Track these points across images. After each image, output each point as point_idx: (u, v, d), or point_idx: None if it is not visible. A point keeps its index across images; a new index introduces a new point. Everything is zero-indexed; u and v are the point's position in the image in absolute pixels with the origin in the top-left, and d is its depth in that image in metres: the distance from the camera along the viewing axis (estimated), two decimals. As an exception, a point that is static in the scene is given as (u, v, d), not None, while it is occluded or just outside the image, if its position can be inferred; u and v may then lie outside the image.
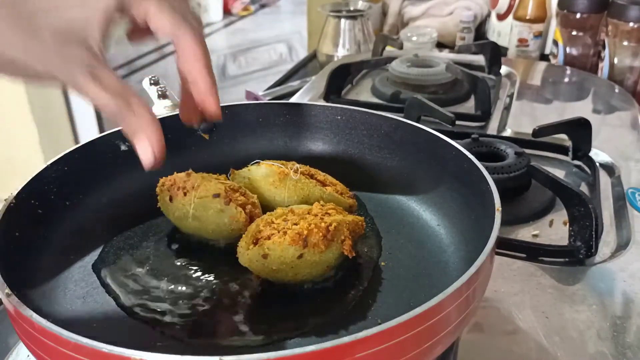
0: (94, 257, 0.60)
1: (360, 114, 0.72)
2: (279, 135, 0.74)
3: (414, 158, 0.68)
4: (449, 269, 0.57)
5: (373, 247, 0.61)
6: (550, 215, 0.79)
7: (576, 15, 1.34)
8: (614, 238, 0.74)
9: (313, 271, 0.53)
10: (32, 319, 0.39)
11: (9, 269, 0.46)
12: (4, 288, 0.43)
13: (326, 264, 0.53)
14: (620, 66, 1.28)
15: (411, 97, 0.95)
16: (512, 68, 1.34)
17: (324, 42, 1.57)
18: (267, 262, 0.51)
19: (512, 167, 0.79)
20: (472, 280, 0.43)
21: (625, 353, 0.56)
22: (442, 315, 0.41)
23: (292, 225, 0.53)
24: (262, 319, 0.52)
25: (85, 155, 0.64)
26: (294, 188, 0.62)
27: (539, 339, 0.58)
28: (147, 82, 0.82)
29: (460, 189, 0.61)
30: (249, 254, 0.52)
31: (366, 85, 1.28)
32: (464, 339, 0.58)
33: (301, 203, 0.61)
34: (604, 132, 1.02)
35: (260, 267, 0.52)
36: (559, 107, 1.19)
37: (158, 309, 0.53)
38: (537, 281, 0.66)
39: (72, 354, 0.37)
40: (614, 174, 0.89)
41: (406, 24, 1.78)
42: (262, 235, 0.53)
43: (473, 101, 1.12)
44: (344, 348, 0.37)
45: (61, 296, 0.54)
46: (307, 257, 0.51)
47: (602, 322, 0.60)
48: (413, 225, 0.65)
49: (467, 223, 0.59)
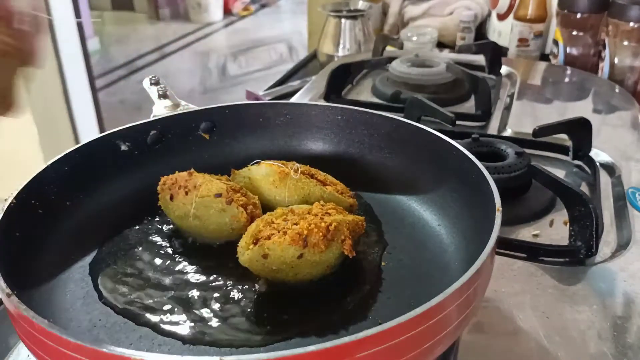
0: (96, 257, 0.60)
1: (361, 114, 0.72)
2: (279, 135, 0.74)
3: (415, 158, 0.68)
4: (449, 269, 0.57)
5: (374, 247, 0.61)
6: (550, 215, 0.79)
7: (576, 15, 1.34)
8: (614, 238, 0.74)
9: (313, 271, 0.53)
10: (33, 319, 0.39)
11: (9, 269, 0.46)
12: (4, 288, 0.43)
13: (326, 264, 0.53)
14: (621, 66, 1.28)
15: (411, 97, 0.95)
16: (512, 68, 1.34)
17: (325, 42, 1.57)
18: (267, 262, 0.51)
19: (512, 167, 0.79)
20: (473, 280, 0.43)
21: (626, 353, 0.56)
22: (443, 316, 0.41)
23: (292, 225, 0.53)
24: (262, 318, 0.52)
25: (85, 155, 0.64)
26: (294, 187, 0.62)
27: (539, 339, 0.58)
28: (147, 82, 0.82)
29: (461, 189, 0.61)
30: (249, 254, 0.52)
31: (366, 85, 1.28)
32: (464, 339, 0.58)
33: (301, 203, 0.61)
34: (604, 132, 1.02)
35: (260, 267, 0.52)
36: (559, 107, 1.19)
37: (158, 309, 0.53)
38: (537, 281, 0.66)
39: (73, 354, 0.37)
40: (615, 174, 0.89)
41: (406, 23, 1.78)
42: (262, 235, 0.53)
43: (473, 101, 1.11)
44: (344, 348, 0.37)
45: (61, 296, 0.54)
46: (307, 257, 0.51)
47: (603, 322, 0.60)
48: (414, 225, 0.65)
49: (468, 223, 0.59)
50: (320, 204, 0.58)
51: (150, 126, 0.69)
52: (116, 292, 0.55)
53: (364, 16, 1.56)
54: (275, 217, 0.56)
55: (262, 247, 0.52)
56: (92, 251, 0.60)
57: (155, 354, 0.36)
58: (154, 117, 0.72)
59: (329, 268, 0.54)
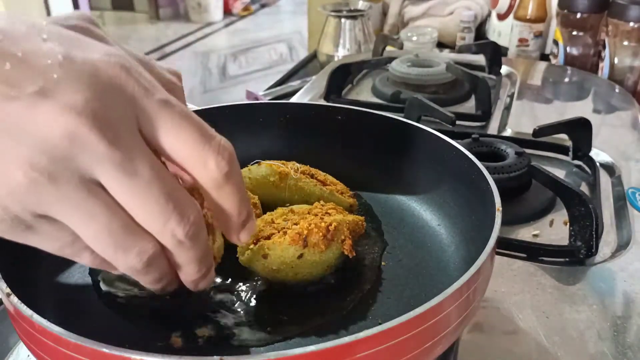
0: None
1: (361, 114, 0.72)
2: (279, 135, 0.74)
3: (414, 158, 0.68)
4: (449, 269, 0.57)
5: (373, 247, 0.61)
6: (550, 215, 0.79)
7: (576, 15, 1.34)
8: (614, 238, 0.74)
9: (313, 271, 0.53)
10: (33, 319, 0.39)
11: (9, 268, 0.46)
12: (4, 288, 0.43)
13: (326, 264, 0.53)
14: (621, 66, 1.28)
15: (411, 97, 0.95)
16: (512, 68, 1.34)
17: (325, 42, 1.57)
18: (267, 262, 0.51)
19: (512, 167, 0.79)
20: (473, 280, 0.43)
21: (626, 353, 0.56)
22: (443, 316, 0.41)
23: (292, 225, 0.53)
24: (262, 318, 0.52)
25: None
26: (295, 188, 0.62)
27: (539, 339, 0.58)
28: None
29: (461, 189, 0.61)
30: (248, 254, 0.52)
31: (366, 85, 1.28)
32: (464, 339, 0.58)
33: (301, 203, 0.61)
34: (604, 132, 1.02)
35: (260, 267, 0.52)
36: (559, 107, 1.19)
37: (158, 309, 0.53)
38: (537, 281, 0.66)
39: (73, 354, 0.37)
40: (615, 174, 0.89)
41: (406, 23, 1.78)
42: (262, 235, 0.53)
43: (473, 101, 1.12)
44: (344, 348, 0.37)
45: (62, 296, 0.54)
46: (307, 257, 0.51)
47: (603, 322, 0.60)
48: (413, 225, 0.65)
49: (468, 223, 0.59)
50: (320, 204, 0.58)
51: (150, 126, 0.69)
52: (116, 292, 0.55)
53: (364, 16, 1.56)
54: (275, 216, 0.56)
55: (262, 247, 0.52)
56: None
57: (155, 354, 0.36)
58: (154, 117, 0.72)
59: (329, 268, 0.54)
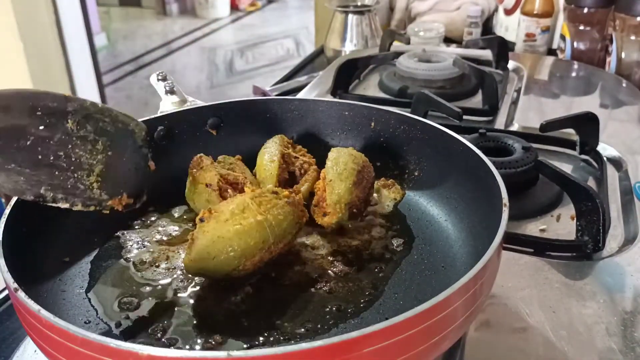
0: (101, 253, 0.60)
1: (368, 109, 0.72)
2: (286, 131, 0.74)
3: (421, 153, 0.68)
4: (456, 264, 0.57)
5: (379, 243, 0.61)
6: (557, 209, 0.79)
7: (583, 10, 1.33)
8: (621, 232, 0.74)
9: (243, 244, 0.51)
10: (40, 314, 0.39)
11: (16, 264, 0.46)
12: (11, 283, 0.43)
13: (235, 240, 0.51)
14: (628, 60, 1.27)
15: (418, 92, 0.95)
16: (519, 63, 1.34)
17: (332, 37, 1.57)
18: (198, 249, 0.51)
19: (519, 162, 0.79)
20: (480, 276, 0.43)
21: (634, 348, 0.56)
22: (450, 311, 0.41)
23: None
24: (265, 315, 0.52)
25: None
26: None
27: (546, 334, 0.58)
28: (154, 78, 0.82)
29: (468, 184, 0.61)
30: (187, 258, 0.52)
31: (373, 81, 1.28)
32: (470, 334, 0.58)
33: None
34: (611, 127, 1.02)
35: (203, 264, 0.51)
36: (566, 101, 1.19)
37: (161, 307, 0.53)
38: (544, 276, 0.66)
39: (80, 349, 0.38)
40: (622, 168, 0.89)
41: (413, 19, 1.77)
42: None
43: (480, 96, 1.11)
44: (351, 343, 0.37)
45: (68, 291, 0.55)
46: (213, 226, 0.51)
47: (610, 317, 0.60)
48: (420, 221, 0.64)
49: (475, 218, 0.59)
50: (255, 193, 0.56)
51: (157, 122, 0.69)
52: (120, 288, 0.55)
53: (371, 11, 1.56)
54: None
55: (190, 246, 0.52)
56: (97, 247, 0.61)
57: (162, 349, 0.36)
58: (161, 113, 0.72)
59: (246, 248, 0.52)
